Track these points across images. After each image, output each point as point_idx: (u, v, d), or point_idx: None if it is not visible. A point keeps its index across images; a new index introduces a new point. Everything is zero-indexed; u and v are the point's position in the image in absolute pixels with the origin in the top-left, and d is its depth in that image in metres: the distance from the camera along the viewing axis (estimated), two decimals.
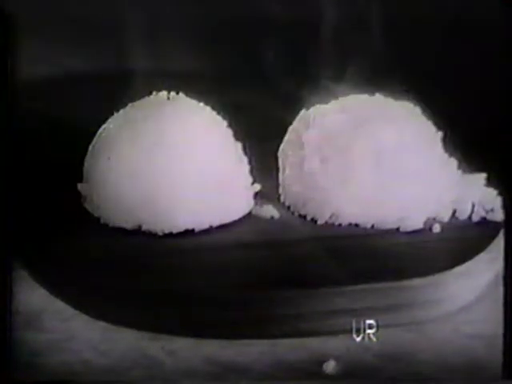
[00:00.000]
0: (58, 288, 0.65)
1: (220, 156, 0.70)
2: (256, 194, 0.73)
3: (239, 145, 0.72)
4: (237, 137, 0.72)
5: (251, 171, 0.72)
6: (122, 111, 0.71)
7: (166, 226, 0.68)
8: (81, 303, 0.64)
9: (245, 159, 0.72)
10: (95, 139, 0.70)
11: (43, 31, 0.74)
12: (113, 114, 0.71)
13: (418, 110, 0.73)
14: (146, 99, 0.71)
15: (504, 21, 0.66)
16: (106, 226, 0.69)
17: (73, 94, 0.78)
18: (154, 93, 0.71)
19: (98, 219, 0.69)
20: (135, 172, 0.67)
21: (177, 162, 0.68)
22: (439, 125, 0.73)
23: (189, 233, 0.68)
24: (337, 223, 0.71)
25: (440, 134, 0.73)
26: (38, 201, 0.70)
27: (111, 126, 0.70)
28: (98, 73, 0.78)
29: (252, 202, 0.72)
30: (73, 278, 0.64)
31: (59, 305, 0.64)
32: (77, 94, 0.78)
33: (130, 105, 0.71)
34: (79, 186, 0.70)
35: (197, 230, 0.68)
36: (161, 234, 0.68)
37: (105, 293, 0.63)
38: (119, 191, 0.68)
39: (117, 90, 0.74)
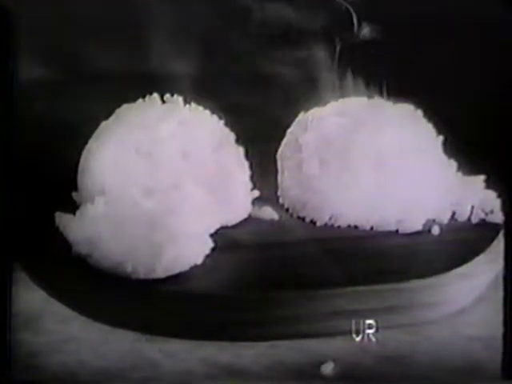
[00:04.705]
0: (56, 290, 0.65)
1: (221, 163, 0.70)
2: (255, 199, 0.73)
3: (241, 150, 0.72)
4: (239, 141, 0.72)
5: (251, 177, 0.72)
6: (113, 117, 0.70)
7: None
8: (79, 305, 0.64)
9: (246, 164, 0.72)
10: (85, 154, 0.70)
11: (44, 31, 0.74)
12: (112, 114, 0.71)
13: (419, 112, 0.73)
14: (139, 103, 0.71)
15: (504, 21, 0.66)
16: None
17: (73, 94, 0.78)
18: (148, 96, 0.71)
19: None
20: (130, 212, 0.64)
21: (176, 176, 0.67)
22: (439, 127, 0.73)
23: None
24: (336, 225, 0.71)
25: (441, 137, 0.72)
26: (38, 203, 0.70)
27: (101, 138, 0.69)
28: (99, 73, 0.78)
29: (250, 207, 0.72)
30: (72, 279, 0.64)
31: (58, 306, 0.64)
32: (77, 94, 0.78)
33: (118, 111, 0.70)
34: (74, 194, 0.70)
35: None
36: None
37: (103, 295, 0.63)
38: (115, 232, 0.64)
39: (116, 91, 0.74)
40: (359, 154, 0.70)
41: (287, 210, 0.73)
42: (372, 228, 0.70)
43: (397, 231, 0.70)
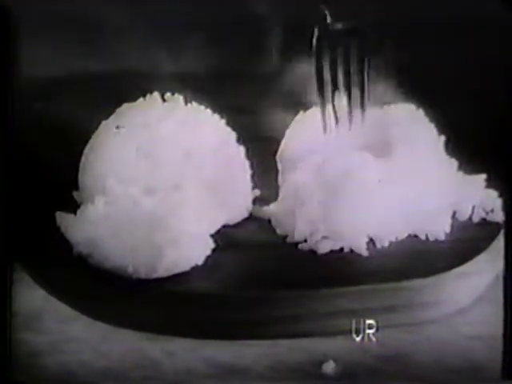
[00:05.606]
0: (57, 289, 0.65)
1: (222, 163, 0.70)
2: (255, 198, 0.73)
3: (242, 149, 0.72)
4: (240, 141, 0.72)
5: (252, 176, 0.72)
6: (113, 117, 0.70)
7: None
8: (80, 304, 0.64)
9: (247, 164, 0.72)
10: (86, 153, 0.70)
11: (44, 31, 0.74)
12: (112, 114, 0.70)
13: (420, 112, 0.73)
14: (140, 103, 0.70)
15: (504, 21, 0.66)
16: None
17: (73, 94, 0.78)
18: (148, 95, 0.71)
19: None
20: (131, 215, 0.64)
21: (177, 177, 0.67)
22: (440, 126, 0.73)
23: None
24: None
25: (442, 136, 0.72)
26: (38, 202, 0.70)
27: (102, 137, 0.69)
28: (99, 73, 0.78)
29: (251, 207, 0.72)
30: (72, 279, 0.64)
31: (59, 306, 0.64)
32: (77, 94, 0.78)
33: (118, 111, 0.70)
34: (75, 194, 0.70)
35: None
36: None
37: (104, 294, 0.63)
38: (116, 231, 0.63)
39: (116, 91, 0.74)
40: (359, 153, 0.70)
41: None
42: None
43: None
